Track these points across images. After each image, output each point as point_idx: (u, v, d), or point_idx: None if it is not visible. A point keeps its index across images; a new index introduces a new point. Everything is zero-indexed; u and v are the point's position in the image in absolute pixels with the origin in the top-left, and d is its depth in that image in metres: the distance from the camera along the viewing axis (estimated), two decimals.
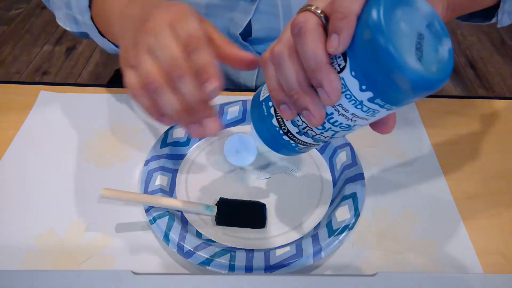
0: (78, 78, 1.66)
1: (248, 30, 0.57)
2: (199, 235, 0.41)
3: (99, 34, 0.50)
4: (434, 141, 0.52)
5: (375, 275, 0.32)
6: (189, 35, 0.31)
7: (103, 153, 0.49)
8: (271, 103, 0.33)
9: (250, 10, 0.55)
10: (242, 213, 0.43)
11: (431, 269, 0.39)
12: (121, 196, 0.40)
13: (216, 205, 0.43)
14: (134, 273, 0.32)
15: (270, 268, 0.37)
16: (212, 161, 0.49)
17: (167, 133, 0.48)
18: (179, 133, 0.49)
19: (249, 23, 0.56)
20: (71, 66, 1.71)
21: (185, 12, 0.33)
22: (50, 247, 0.40)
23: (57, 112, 0.54)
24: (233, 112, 0.52)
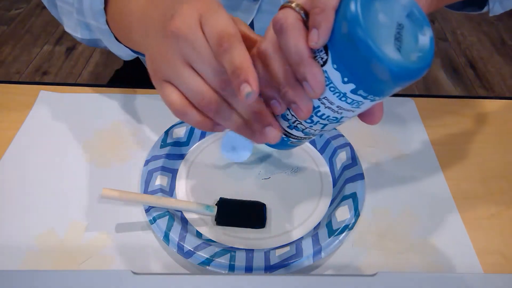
0: (78, 78, 1.66)
1: None
2: (199, 235, 0.41)
3: (115, 40, 0.47)
4: (434, 141, 0.52)
5: (375, 275, 0.32)
6: (221, 32, 0.28)
7: (103, 153, 0.49)
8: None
9: (252, 9, 0.55)
10: (242, 213, 0.43)
11: (431, 269, 0.39)
12: (121, 196, 0.40)
13: (216, 205, 0.43)
14: (134, 273, 0.32)
15: (270, 268, 0.37)
16: (212, 161, 0.49)
17: (167, 133, 0.48)
18: (179, 133, 0.49)
19: (252, 23, 0.56)
20: (71, 66, 1.71)
21: (213, 6, 0.30)
22: (50, 247, 0.40)
23: (57, 112, 0.54)
24: None
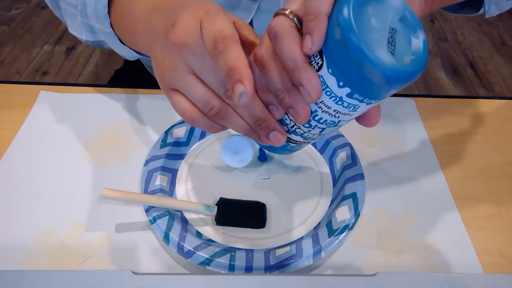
0: (78, 78, 1.66)
1: None
2: (199, 235, 0.41)
3: (119, 42, 0.46)
4: (434, 141, 0.52)
5: (375, 275, 0.32)
6: (216, 34, 0.29)
7: (103, 153, 0.49)
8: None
9: (252, 8, 0.55)
10: (242, 213, 0.43)
11: (431, 269, 0.39)
12: (121, 196, 0.40)
13: (216, 205, 0.43)
14: (134, 273, 0.32)
15: (270, 268, 0.37)
16: (212, 161, 0.49)
17: (167, 133, 0.48)
18: (179, 133, 0.49)
19: (251, 22, 0.56)
20: (71, 66, 1.71)
21: (213, 10, 0.31)
22: (50, 247, 0.40)
23: (57, 112, 0.54)
24: None
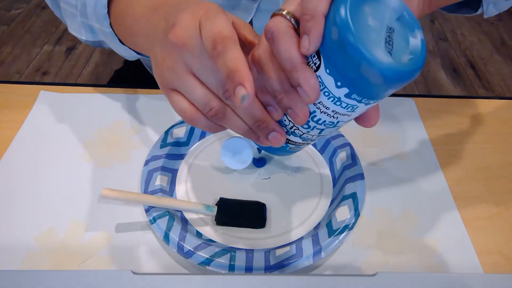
0: (78, 78, 1.66)
1: None
2: (199, 235, 0.41)
3: (119, 42, 0.46)
4: (434, 141, 0.52)
5: (375, 275, 0.32)
6: (215, 35, 0.29)
7: (103, 153, 0.49)
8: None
9: (251, 8, 0.55)
10: (242, 213, 0.43)
11: (431, 269, 0.39)
12: (121, 196, 0.40)
13: (216, 205, 0.43)
14: (134, 273, 0.32)
15: (270, 268, 0.37)
16: (212, 161, 0.49)
17: (167, 133, 0.48)
18: (179, 133, 0.49)
19: (251, 22, 0.56)
20: (71, 66, 1.71)
21: (212, 11, 0.31)
22: (50, 247, 0.40)
23: (57, 112, 0.54)
24: None
